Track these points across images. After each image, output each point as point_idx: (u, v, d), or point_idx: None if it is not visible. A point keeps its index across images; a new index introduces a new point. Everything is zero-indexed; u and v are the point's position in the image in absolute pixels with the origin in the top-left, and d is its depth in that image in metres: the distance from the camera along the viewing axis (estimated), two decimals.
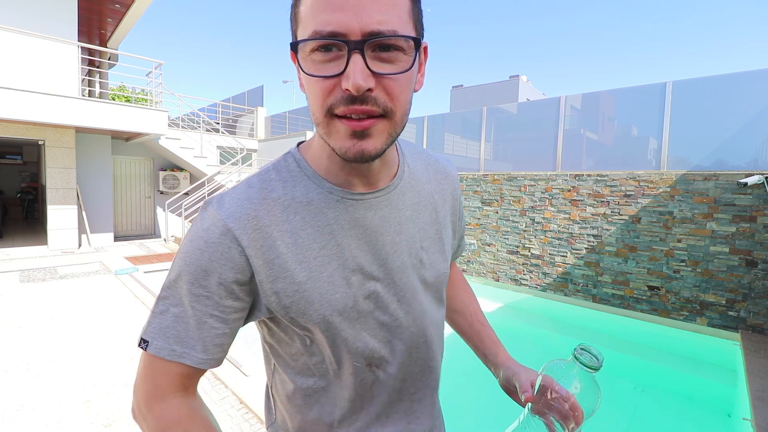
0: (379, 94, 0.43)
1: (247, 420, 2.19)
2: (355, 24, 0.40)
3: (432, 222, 0.62)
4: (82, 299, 4.29)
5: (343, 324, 0.53)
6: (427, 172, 0.64)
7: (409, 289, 0.57)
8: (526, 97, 22.80)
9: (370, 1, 0.41)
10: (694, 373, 3.86)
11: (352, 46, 0.41)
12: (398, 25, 0.42)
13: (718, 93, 4.41)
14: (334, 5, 0.41)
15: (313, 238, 0.51)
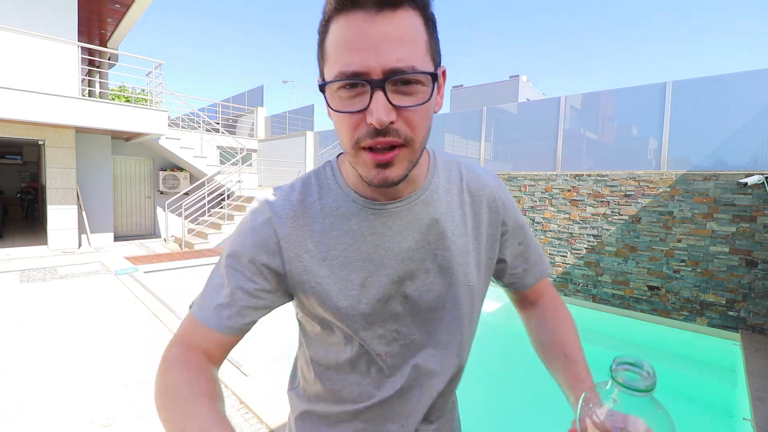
0: (400, 125, 0.47)
1: (247, 420, 2.19)
2: (375, 63, 0.44)
3: (459, 233, 0.62)
4: (82, 299, 4.29)
5: (356, 319, 0.58)
6: (461, 184, 0.65)
7: (424, 295, 0.61)
8: (526, 97, 22.80)
9: (389, 41, 0.44)
10: (694, 373, 3.86)
11: (374, 84, 0.45)
12: (416, 60, 0.46)
13: (718, 93, 4.41)
14: (355, 46, 0.45)
15: (337, 240, 0.58)
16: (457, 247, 0.62)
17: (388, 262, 0.58)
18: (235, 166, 9.39)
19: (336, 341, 0.62)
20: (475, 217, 0.64)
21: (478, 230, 0.64)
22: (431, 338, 0.63)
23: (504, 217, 0.67)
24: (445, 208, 0.62)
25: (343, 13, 0.46)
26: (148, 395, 2.42)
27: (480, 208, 0.65)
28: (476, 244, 0.64)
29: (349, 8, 0.45)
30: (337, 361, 0.63)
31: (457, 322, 0.64)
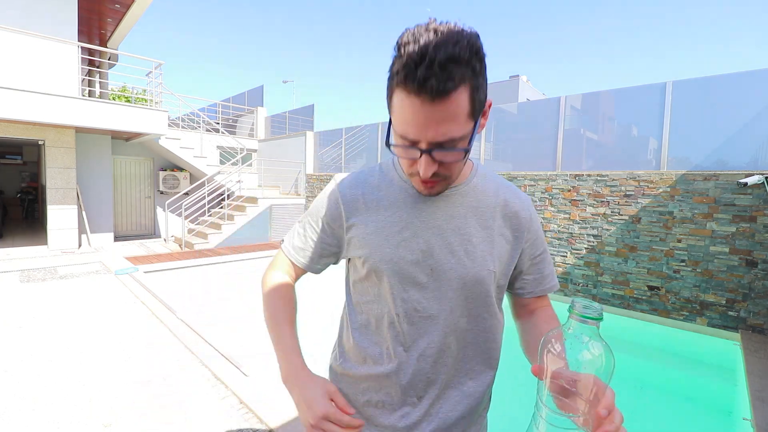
0: (440, 170, 0.64)
1: (247, 420, 2.19)
2: (422, 137, 0.59)
3: (485, 227, 0.74)
4: (82, 299, 4.29)
5: (389, 273, 0.72)
6: (496, 191, 0.78)
7: (447, 271, 0.72)
8: (526, 97, 22.80)
9: (436, 123, 0.57)
10: (694, 373, 3.86)
11: (422, 150, 0.60)
12: (456, 131, 0.59)
13: (718, 93, 4.41)
14: (411, 123, 0.58)
15: (386, 208, 0.75)
16: (482, 238, 0.73)
17: (421, 233, 0.72)
18: (235, 166, 9.39)
19: (370, 292, 0.76)
20: (504, 220, 0.76)
21: (505, 230, 0.76)
22: (448, 318, 0.73)
23: (529, 228, 0.78)
24: (478, 204, 0.75)
25: (404, 90, 0.57)
26: (148, 395, 2.42)
27: (509, 213, 0.77)
28: (502, 240, 0.75)
29: (410, 93, 0.56)
30: (367, 316, 0.77)
31: (475, 303, 0.74)
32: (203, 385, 2.56)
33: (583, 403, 0.49)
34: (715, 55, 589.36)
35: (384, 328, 0.75)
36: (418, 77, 0.54)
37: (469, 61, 0.55)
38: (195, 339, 3.27)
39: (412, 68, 0.54)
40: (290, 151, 10.67)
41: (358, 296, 0.79)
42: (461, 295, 0.72)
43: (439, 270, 0.71)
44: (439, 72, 0.53)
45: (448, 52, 0.53)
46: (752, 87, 4.19)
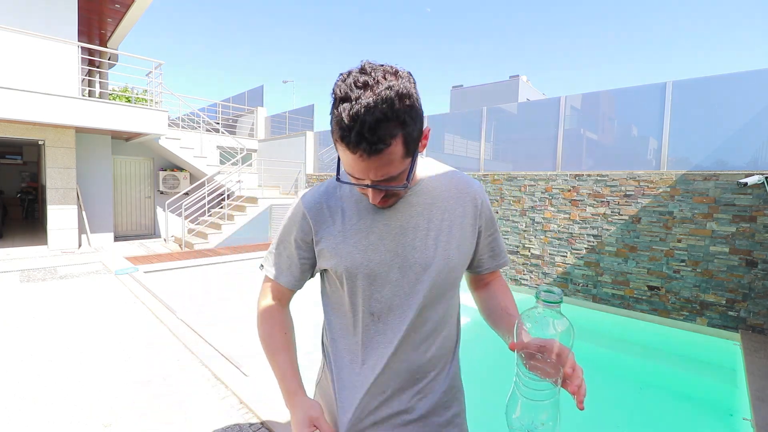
0: (388, 194, 0.73)
1: (247, 420, 2.19)
2: (366, 177, 0.67)
3: (444, 219, 0.80)
4: (82, 299, 4.29)
5: (361, 277, 0.77)
6: (449, 184, 0.83)
7: (413, 266, 0.77)
8: (526, 97, 22.79)
9: (373, 169, 0.65)
10: (694, 373, 3.85)
11: (368, 186, 0.68)
12: (394, 171, 0.67)
13: (718, 93, 4.41)
14: (352, 168, 0.67)
15: (350, 217, 0.79)
16: (441, 231, 0.79)
17: (386, 234, 0.77)
18: (235, 166, 9.39)
19: (344, 298, 0.80)
20: (459, 209, 0.82)
21: (462, 219, 0.82)
22: (420, 309, 0.77)
23: (482, 212, 0.85)
24: (433, 200, 0.81)
25: (343, 146, 0.64)
26: (148, 395, 2.42)
27: (464, 203, 0.83)
28: (460, 230, 0.81)
29: (348, 150, 0.63)
30: (345, 322, 0.81)
31: (443, 290, 0.79)
32: (203, 385, 2.56)
33: (552, 366, 0.59)
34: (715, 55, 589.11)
35: (361, 329, 0.79)
36: (351, 140, 0.61)
37: (399, 115, 0.62)
38: (195, 339, 3.27)
39: (347, 132, 0.61)
40: (290, 151, 10.67)
41: (335, 305, 0.84)
42: (430, 287, 0.77)
43: (407, 266, 0.77)
44: (370, 136, 0.60)
45: (377, 116, 0.60)
46: (752, 87, 4.19)
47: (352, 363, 0.81)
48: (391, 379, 0.78)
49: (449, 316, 0.83)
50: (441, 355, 0.82)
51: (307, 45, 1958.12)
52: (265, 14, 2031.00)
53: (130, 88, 10.67)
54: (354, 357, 0.81)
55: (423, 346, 0.80)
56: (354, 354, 0.81)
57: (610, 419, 3.01)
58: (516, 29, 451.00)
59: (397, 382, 0.79)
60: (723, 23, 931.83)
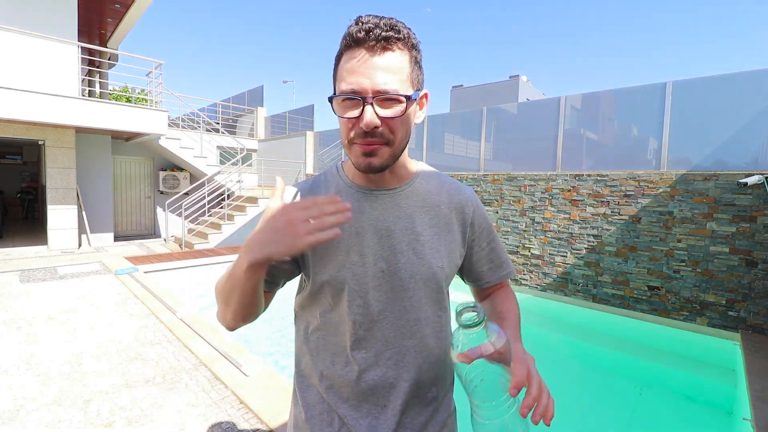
0: (383, 129, 0.65)
1: (247, 420, 2.19)
2: (368, 85, 0.62)
3: (432, 224, 0.76)
4: (82, 299, 4.29)
5: (343, 280, 0.71)
6: (440, 189, 0.80)
7: (398, 272, 0.72)
8: (526, 97, 22.79)
9: (379, 70, 0.62)
10: (694, 373, 3.86)
11: (366, 100, 0.62)
12: (398, 85, 0.63)
13: (718, 93, 4.41)
14: (355, 72, 0.63)
15: None
16: (430, 235, 0.75)
17: (370, 237, 0.73)
18: (235, 166, 9.39)
19: (324, 303, 0.74)
20: (450, 215, 0.79)
21: (452, 226, 0.78)
22: (403, 318, 0.73)
23: (473, 219, 0.81)
24: (424, 203, 0.77)
25: (351, 49, 0.63)
26: (149, 395, 2.42)
27: (453, 208, 0.79)
28: (448, 236, 0.77)
29: (355, 46, 0.63)
30: (325, 331, 0.75)
31: (428, 300, 0.75)
32: (203, 384, 2.56)
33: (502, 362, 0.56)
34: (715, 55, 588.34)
35: (341, 336, 0.74)
36: (364, 29, 0.62)
37: (408, 36, 0.65)
38: (195, 339, 3.27)
39: (359, 28, 0.62)
40: (290, 151, 10.67)
41: (313, 310, 0.77)
42: (414, 294, 0.73)
43: (391, 271, 0.72)
44: (384, 27, 0.62)
45: (391, 22, 0.64)
46: (752, 87, 4.19)
47: (331, 371, 0.75)
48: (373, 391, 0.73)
49: (441, 324, 0.78)
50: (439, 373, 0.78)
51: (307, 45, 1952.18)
52: (265, 14, 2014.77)
53: (130, 88, 10.67)
54: (333, 364, 0.74)
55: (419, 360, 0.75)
56: (334, 360, 0.75)
57: (610, 419, 3.01)
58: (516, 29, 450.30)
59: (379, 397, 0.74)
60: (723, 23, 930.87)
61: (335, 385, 0.75)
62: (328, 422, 0.75)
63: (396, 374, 0.73)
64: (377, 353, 0.73)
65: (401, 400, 0.73)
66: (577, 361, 4.34)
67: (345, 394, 0.74)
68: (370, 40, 0.61)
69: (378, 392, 0.73)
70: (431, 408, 0.77)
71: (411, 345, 0.74)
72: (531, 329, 5.13)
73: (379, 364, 0.73)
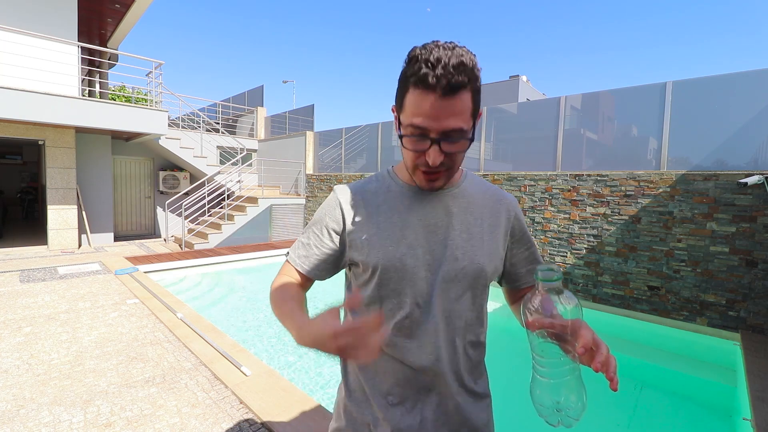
0: (446, 161, 0.71)
1: (247, 420, 2.19)
2: (435, 125, 0.67)
3: (476, 224, 0.81)
4: (82, 299, 4.29)
5: (392, 270, 0.76)
6: (484, 193, 0.86)
7: (443, 266, 0.76)
8: (526, 97, 22.79)
9: (446, 114, 0.66)
10: (694, 373, 3.86)
11: (433, 140, 0.68)
12: (462, 123, 0.68)
13: (718, 93, 4.41)
14: (424, 113, 0.67)
15: (384, 211, 0.80)
16: (474, 235, 0.80)
17: (418, 231, 0.78)
18: (235, 166, 9.39)
19: (372, 293, 0.78)
20: (493, 218, 0.83)
21: (495, 228, 0.83)
22: (447, 312, 0.76)
23: (515, 225, 0.86)
24: (469, 205, 0.82)
25: (419, 89, 0.66)
26: (149, 395, 2.42)
27: (498, 213, 0.84)
28: (491, 238, 0.82)
29: (423, 88, 0.65)
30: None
31: (472, 295, 0.79)
32: (203, 384, 2.56)
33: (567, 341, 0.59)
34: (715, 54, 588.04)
35: (390, 327, 0.77)
36: (435, 75, 0.64)
37: (472, 69, 0.67)
38: (195, 338, 3.27)
39: (430, 69, 0.64)
40: (290, 151, 10.67)
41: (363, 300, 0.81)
42: (457, 289, 0.77)
43: (437, 265, 0.76)
44: (453, 72, 0.64)
45: (459, 59, 0.65)
46: (752, 87, 4.19)
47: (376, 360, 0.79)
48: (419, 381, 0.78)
49: (476, 322, 0.82)
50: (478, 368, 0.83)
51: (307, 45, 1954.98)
52: (265, 14, 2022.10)
53: (130, 88, 10.67)
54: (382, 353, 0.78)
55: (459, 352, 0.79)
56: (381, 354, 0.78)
57: (610, 419, 3.01)
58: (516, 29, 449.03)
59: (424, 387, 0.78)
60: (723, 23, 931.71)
61: (378, 374, 0.79)
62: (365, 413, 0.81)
63: (434, 360, 0.76)
64: (420, 344, 0.76)
65: (443, 389, 0.77)
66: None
67: (387, 384, 0.78)
68: (441, 86, 0.64)
69: (419, 380, 0.77)
70: (472, 396, 0.81)
71: (451, 336, 0.77)
72: None
73: (422, 355, 0.76)
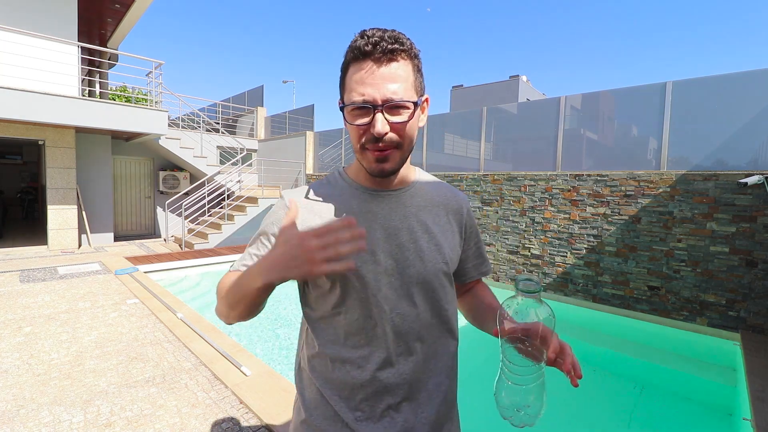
0: (392, 135, 0.69)
1: (247, 420, 2.19)
2: (377, 95, 0.66)
3: (434, 223, 0.80)
4: (82, 299, 4.29)
5: (353, 278, 0.72)
6: (438, 191, 0.85)
7: (405, 269, 0.75)
8: (526, 97, 22.79)
9: (387, 80, 0.67)
10: (694, 373, 3.86)
11: (376, 108, 0.67)
12: (404, 93, 0.68)
13: (718, 93, 4.41)
14: (364, 82, 0.67)
15: (339, 215, 0.76)
16: (433, 235, 0.79)
17: (377, 236, 0.75)
18: (235, 166, 9.39)
19: (332, 302, 0.74)
20: (448, 216, 0.84)
21: (451, 226, 0.83)
22: (412, 314, 0.75)
23: (467, 222, 0.87)
24: (425, 203, 0.81)
25: (358, 61, 0.68)
26: (149, 395, 2.42)
27: (452, 210, 0.85)
28: (450, 236, 0.82)
29: (362, 58, 0.67)
30: (335, 328, 0.75)
31: (434, 296, 0.77)
32: (203, 384, 2.56)
33: (536, 348, 0.62)
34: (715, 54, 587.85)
35: (353, 337, 0.74)
36: (370, 42, 0.66)
37: (411, 47, 0.69)
38: (195, 339, 3.27)
39: (365, 41, 0.66)
40: (290, 151, 10.67)
41: (322, 310, 0.76)
42: (421, 290, 0.76)
43: (400, 268, 0.74)
44: (388, 40, 0.67)
45: (394, 33, 0.68)
46: (752, 87, 4.19)
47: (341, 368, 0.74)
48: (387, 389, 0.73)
49: (446, 321, 0.80)
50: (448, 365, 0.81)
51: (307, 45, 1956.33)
52: (265, 14, 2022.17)
53: (130, 88, 10.67)
54: (345, 361, 0.74)
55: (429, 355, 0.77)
56: (348, 356, 0.74)
57: (610, 419, 3.01)
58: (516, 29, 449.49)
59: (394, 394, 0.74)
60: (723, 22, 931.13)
61: (347, 385, 0.74)
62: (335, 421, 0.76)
63: (405, 368, 0.74)
64: (387, 349, 0.73)
65: (413, 394, 0.75)
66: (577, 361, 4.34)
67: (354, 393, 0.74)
68: (377, 53, 0.66)
69: (393, 392, 0.73)
70: (441, 400, 0.79)
71: (419, 339, 0.75)
72: None
73: (389, 360, 0.73)
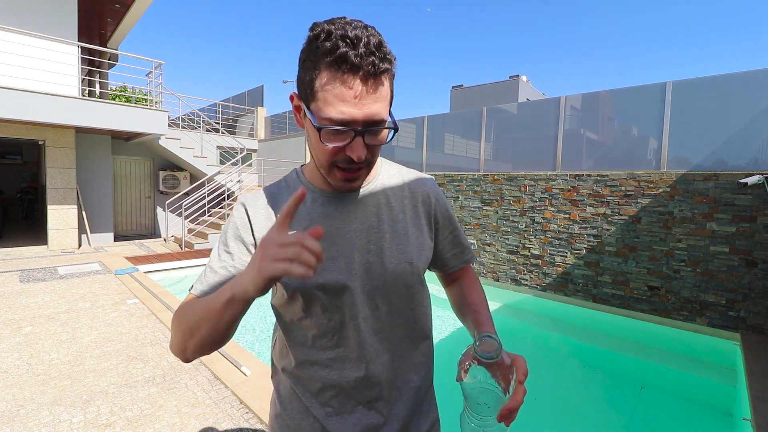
0: (367, 156, 0.64)
1: (247, 420, 2.19)
2: (359, 115, 0.58)
3: (400, 220, 0.76)
4: (82, 299, 4.29)
5: (314, 287, 0.69)
6: (402, 183, 0.80)
7: (370, 269, 0.71)
8: (526, 97, 22.79)
9: (370, 99, 0.59)
10: (694, 373, 3.86)
11: (357, 131, 0.60)
12: (384, 113, 0.61)
13: (718, 93, 4.41)
14: (347, 102, 0.58)
15: (299, 221, 0.72)
16: (399, 233, 0.74)
17: (339, 240, 0.71)
18: (235, 166, 9.39)
19: (298, 310, 0.71)
20: (414, 209, 0.78)
21: (418, 219, 0.78)
22: (379, 317, 0.72)
23: (437, 209, 0.81)
24: (387, 199, 0.76)
25: (341, 73, 0.57)
26: (149, 395, 2.42)
27: (417, 201, 0.79)
28: (417, 231, 0.77)
29: (348, 72, 0.57)
30: (304, 332, 0.73)
31: (402, 296, 0.74)
32: (203, 384, 2.56)
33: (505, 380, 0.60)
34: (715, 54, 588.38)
35: (320, 340, 0.72)
36: (359, 54, 0.56)
37: (390, 51, 0.61)
38: None
39: (350, 47, 0.56)
40: (290, 151, 10.68)
41: (289, 315, 0.74)
42: (384, 293, 0.72)
43: (368, 274, 0.71)
44: (376, 52, 0.57)
45: (377, 39, 0.58)
46: (752, 87, 4.19)
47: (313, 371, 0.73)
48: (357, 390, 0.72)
49: (415, 318, 0.78)
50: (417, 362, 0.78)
51: None
52: (265, 14, 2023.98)
53: (130, 88, 10.67)
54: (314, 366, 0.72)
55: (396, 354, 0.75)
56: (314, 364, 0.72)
57: (610, 419, 3.01)
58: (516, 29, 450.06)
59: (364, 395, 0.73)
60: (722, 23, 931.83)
61: (316, 384, 0.73)
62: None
63: (374, 369, 0.72)
64: (355, 350, 0.71)
65: (382, 392, 0.73)
66: (577, 361, 4.34)
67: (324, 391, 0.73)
68: (364, 67, 0.57)
69: (361, 391, 0.72)
70: (412, 396, 0.77)
71: (386, 340, 0.73)
72: (531, 329, 5.12)
73: (358, 361, 0.71)
